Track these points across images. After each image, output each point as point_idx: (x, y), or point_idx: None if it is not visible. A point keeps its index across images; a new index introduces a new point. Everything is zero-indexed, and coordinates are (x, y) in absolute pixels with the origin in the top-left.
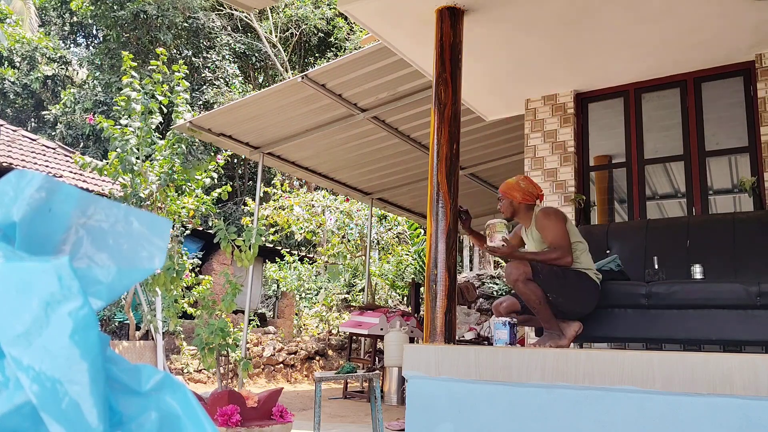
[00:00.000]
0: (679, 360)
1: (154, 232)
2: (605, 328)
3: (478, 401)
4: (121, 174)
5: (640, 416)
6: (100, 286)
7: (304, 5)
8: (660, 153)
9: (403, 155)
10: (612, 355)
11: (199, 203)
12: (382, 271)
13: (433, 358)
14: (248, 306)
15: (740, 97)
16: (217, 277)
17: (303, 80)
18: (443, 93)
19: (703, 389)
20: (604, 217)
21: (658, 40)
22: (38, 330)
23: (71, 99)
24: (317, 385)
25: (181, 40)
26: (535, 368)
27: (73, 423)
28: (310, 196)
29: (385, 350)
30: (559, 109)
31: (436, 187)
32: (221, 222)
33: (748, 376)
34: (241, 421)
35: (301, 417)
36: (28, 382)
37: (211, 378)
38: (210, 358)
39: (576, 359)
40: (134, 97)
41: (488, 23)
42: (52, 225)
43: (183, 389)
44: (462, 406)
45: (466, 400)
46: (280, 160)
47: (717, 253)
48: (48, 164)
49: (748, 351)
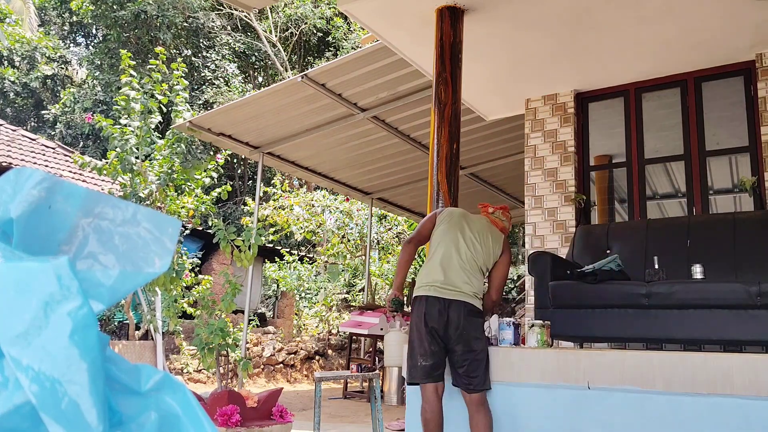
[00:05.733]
0: (679, 360)
1: (163, 233)
2: (605, 328)
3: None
4: (120, 173)
5: (640, 416)
6: (102, 288)
7: (304, 4)
8: (660, 153)
9: (403, 155)
10: (612, 355)
11: (199, 203)
12: (382, 271)
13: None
14: (248, 306)
15: (740, 96)
16: (216, 277)
17: (303, 80)
18: (443, 92)
19: (703, 389)
20: (604, 216)
21: (658, 40)
22: (37, 330)
23: (71, 98)
24: (317, 385)
25: (180, 40)
26: (536, 368)
27: (72, 423)
28: (310, 195)
29: (385, 350)
30: (560, 109)
31: (436, 187)
32: (221, 222)
33: (748, 376)
34: (240, 421)
35: (301, 417)
36: (27, 382)
37: (211, 378)
38: (210, 358)
39: (576, 359)
40: (134, 97)
41: (488, 23)
42: (52, 223)
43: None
44: (462, 406)
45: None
46: (279, 159)
47: (717, 253)
48: (47, 164)
49: (748, 351)
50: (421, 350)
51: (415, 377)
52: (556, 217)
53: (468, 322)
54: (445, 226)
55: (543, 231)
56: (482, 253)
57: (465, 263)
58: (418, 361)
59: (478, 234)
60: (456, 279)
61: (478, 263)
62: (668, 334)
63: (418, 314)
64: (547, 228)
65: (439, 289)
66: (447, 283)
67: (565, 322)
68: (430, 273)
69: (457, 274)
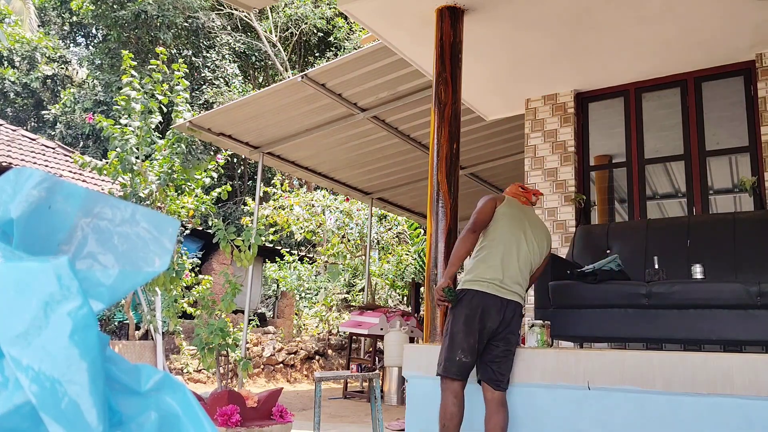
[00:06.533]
0: (679, 360)
1: (162, 233)
2: (605, 328)
3: (479, 401)
4: (120, 173)
5: (640, 416)
6: (102, 288)
7: (304, 4)
8: (660, 153)
9: (403, 155)
10: (612, 355)
11: (199, 203)
12: (382, 271)
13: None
14: (248, 306)
15: (741, 96)
16: (216, 277)
17: (303, 80)
18: (443, 92)
19: (703, 389)
20: (604, 217)
21: (658, 40)
22: (37, 330)
23: (71, 99)
24: (317, 385)
25: (181, 40)
26: (536, 368)
27: (72, 423)
28: (310, 195)
29: (385, 350)
30: (560, 109)
31: (436, 187)
32: (220, 222)
33: (748, 376)
34: (240, 421)
35: (301, 417)
36: (27, 382)
37: (211, 378)
38: (210, 358)
39: (576, 359)
40: (134, 97)
41: (488, 23)
42: (52, 223)
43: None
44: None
45: (466, 400)
46: (279, 159)
47: (717, 253)
48: (47, 164)
49: (748, 351)
50: (465, 345)
51: (450, 371)
52: (556, 217)
53: (517, 323)
54: (507, 220)
55: None
56: (537, 254)
57: (522, 263)
58: (458, 356)
59: (537, 232)
60: (514, 279)
61: (531, 263)
62: (668, 334)
63: (473, 309)
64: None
65: (499, 288)
66: (505, 282)
67: (565, 322)
68: (490, 269)
69: (516, 275)
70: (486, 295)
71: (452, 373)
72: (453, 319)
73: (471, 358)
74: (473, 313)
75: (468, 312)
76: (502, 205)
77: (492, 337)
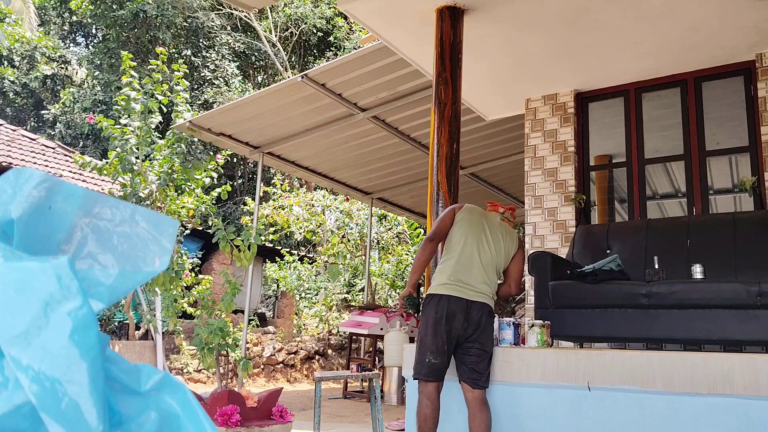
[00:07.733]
0: (679, 360)
1: (161, 233)
2: (605, 328)
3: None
4: (120, 173)
5: (640, 416)
6: (102, 287)
7: (304, 4)
8: (660, 153)
9: (403, 155)
10: (612, 355)
11: (199, 203)
12: (382, 271)
13: None
14: (248, 306)
15: (740, 96)
16: (216, 277)
17: (303, 80)
18: (443, 92)
19: (703, 389)
20: (604, 216)
21: (658, 40)
22: (37, 330)
23: (71, 98)
24: (317, 385)
25: (180, 40)
26: (536, 368)
27: (72, 423)
28: (310, 195)
29: (385, 350)
30: (560, 109)
31: (436, 187)
32: (220, 222)
33: (749, 376)
34: (240, 421)
35: (301, 417)
36: (27, 382)
37: (211, 378)
38: (210, 358)
39: (576, 359)
40: (134, 97)
41: (488, 22)
42: (52, 223)
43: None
44: (462, 406)
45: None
46: (279, 159)
47: (717, 253)
48: (47, 164)
49: (748, 351)
50: (432, 347)
51: (420, 373)
52: (556, 217)
53: (488, 323)
54: (466, 225)
55: (543, 231)
56: (502, 253)
57: (485, 264)
58: (427, 358)
59: (497, 234)
60: (477, 279)
61: (496, 264)
62: (668, 334)
63: (437, 312)
64: (547, 228)
65: (461, 289)
66: (468, 283)
67: (565, 322)
68: (452, 272)
69: (479, 275)
70: (450, 298)
71: (423, 374)
72: (421, 324)
73: (440, 359)
74: (439, 316)
75: (434, 315)
76: (461, 212)
77: (465, 339)
